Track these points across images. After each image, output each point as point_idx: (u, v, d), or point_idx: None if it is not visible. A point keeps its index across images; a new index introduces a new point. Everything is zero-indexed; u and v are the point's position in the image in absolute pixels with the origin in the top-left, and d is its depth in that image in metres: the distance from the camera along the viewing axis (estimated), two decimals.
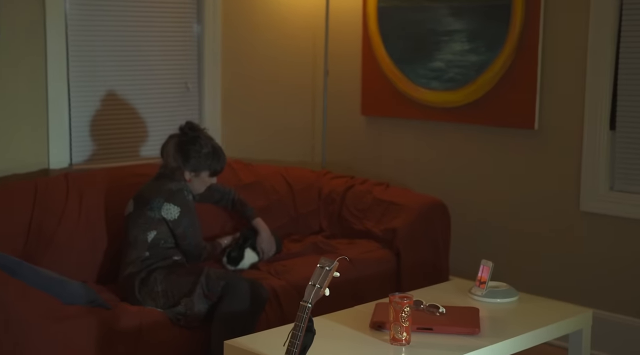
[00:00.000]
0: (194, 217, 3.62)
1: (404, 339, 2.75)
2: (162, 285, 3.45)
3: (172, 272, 3.50)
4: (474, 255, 4.45)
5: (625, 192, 4.00)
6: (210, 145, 3.69)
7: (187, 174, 3.65)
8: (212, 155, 3.68)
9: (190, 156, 3.64)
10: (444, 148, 4.62)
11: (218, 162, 3.72)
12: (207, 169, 3.68)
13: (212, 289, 3.39)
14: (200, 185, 3.72)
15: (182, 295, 3.40)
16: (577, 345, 3.15)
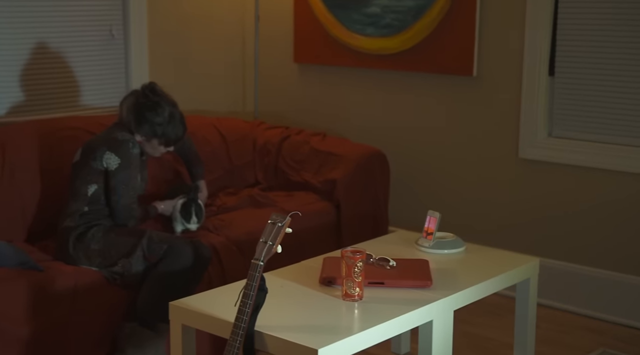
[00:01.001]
0: (131, 174, 3.34)
1: (357, 294, 2.68)
2: (100, 244, 3.27)
3: (111, 230, 3.32)
4: (414, 206, 4.41)
5: (563, 138, 3.99)
6: (167, 114, 3.39)
7: (137, 136, 3.40)
8: (167, 124, 3.40)
9: (143, 121, 3.38)
10: (380, 96, 4.53)
11: (172, 133, 3.43)
12: (158, 138, 3.41)
13: (153, 252, 3.23)
14: (152, 150, 3.47)
15: (120, 256, 3.24)
16: (524, 294, 3.14)
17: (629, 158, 3.78)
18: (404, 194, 4.44)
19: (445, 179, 4.33)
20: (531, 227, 4.08)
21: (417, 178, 4.43)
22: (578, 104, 3.94)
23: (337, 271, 2.80)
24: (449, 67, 4.23)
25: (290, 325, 2.49)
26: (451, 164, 4.31)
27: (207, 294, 2.78)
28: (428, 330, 2.72)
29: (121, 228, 3.35)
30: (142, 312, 3.19)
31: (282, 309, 2.62)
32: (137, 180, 3.39)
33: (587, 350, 3.57)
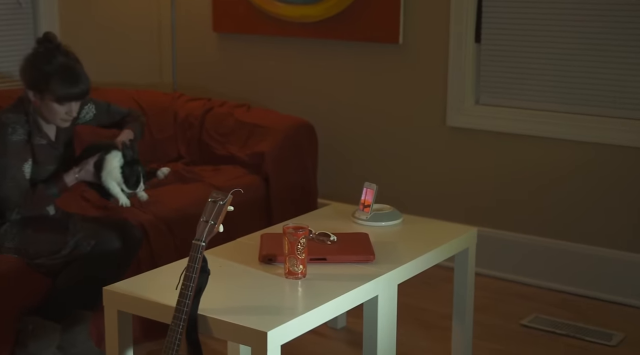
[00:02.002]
0: (10, 163, 2.93)
1: (300, 272, 2.59)
2: (15, 241, 3.00)
3: (27, 225, 3.01)
4: (344, 177, 4.35)
5: (490, 106, 3.99)
6: (60, 63, 2.95)
7: (30, 94, 2.98)
8: (59, 74, 2.93)
9: (34, 71, 2.96)
10: (305, 66, 4.42)
11: (64, 86, 2.94)
12: (49, 92, 2.94)
13: (80, 248, 3.00)
14: (49, 114, 2.99)
15: (42, 255, 2.99)
16: (463, 264, 3.11)
17: (556, 124, 3.80)
18: (333, 165, 4.37)
19: (374, 149, 4.28)
20: (462, 195, 4.07)
21: (345, 148, 4.36)
22: (504, 71, 3.93)
23: (278, 248, 2.71)
24: (374, 34, 4.15)
25: (235, 307, 2.39)
26: (379, 134, 4.25)
27: (143, 277, 2.64)
28: (373, 305, 2.65)
29: (40, 221, 3.04)
30: (59, 299, 2.99)
31: (224, 290, 2.51)
32: (23, 170, 2.97)
33: (520, 316, 3.59)
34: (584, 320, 3.55)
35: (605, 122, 3.69)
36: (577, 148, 3.76)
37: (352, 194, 4.19)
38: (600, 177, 3.73)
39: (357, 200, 3.21)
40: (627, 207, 3.68)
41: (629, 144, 3.64)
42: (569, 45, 3.74)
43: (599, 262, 3.75)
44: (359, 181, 4.28)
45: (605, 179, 3.72)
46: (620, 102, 3.66)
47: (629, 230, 3.69)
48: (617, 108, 3.67)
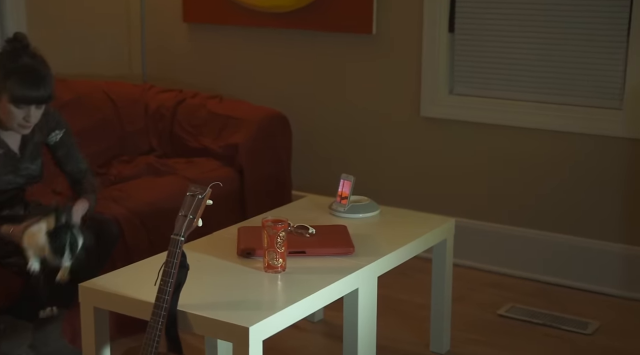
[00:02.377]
0: None
1: (280, 265, 2.56)
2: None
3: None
4: (318, 169, 4.32)
5: (464, 96, 3.98)
6: (24, 63, 2.77)
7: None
8: (20, 74, 2.74)
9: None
10: (277, 57, 4.38)
11: (22, 86, 2.73)
12: (6, 91, 2.74)
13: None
14: (5, 117, 2.79)
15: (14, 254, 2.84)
16: (441, 255, 3.11)
17: (530, 114, 3.80)
18: (307, 157, 4.33)
19: (348, 140, 4.25)
20: (437, 186, 4.06)
21: (318, 140, 4.32)
22: (478, 61, 3.92)
23: (256, 242, 2.68)
24: (347, 25, 4.12)
25: (215, 303, 2.35)
26: (353, 125, 4.23)
27: (120, 273, 2.60)
28: (354, 298, 2.63)
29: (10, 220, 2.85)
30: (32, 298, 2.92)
31: (203, 285, 2.47)
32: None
33: (496, 306, 3.59)
34: (560, 310, 3.56)
35: (580, 112, 3.70)
36: (552, 138, 3.77)
37: (327, 185, 4.16)
38: (576, 167, 3.74)
39: (333, 191, 3.19)
40: (603, 197, 3.70)
41: (605, 133, 3.65)
42: (542, 34, 3.74)
43: (574, 251, 3.77)
44: (334, 172, 4.25)
45: (581, 169, 3.73)
46: (595, 91, 3.67)
47: (605, 220, 3.71)
48: (591, 97, 3.68)
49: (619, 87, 3.61)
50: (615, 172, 3.65)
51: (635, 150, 3.60)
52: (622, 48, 3.57)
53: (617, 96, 3.62)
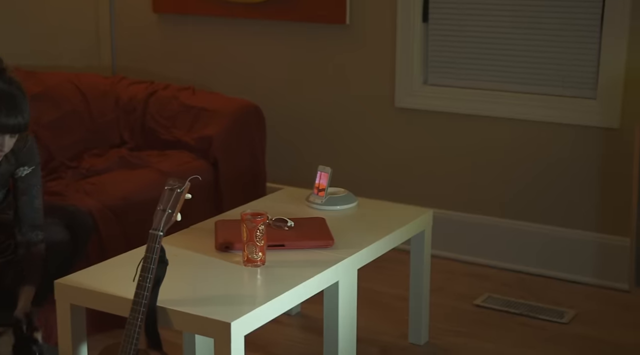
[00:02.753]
0: None
1: (260, 259, 2.53)
2: None
3: None
4: (293, 161, 4.29)
5: (439, 86, 3.97)
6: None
7: None
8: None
9: None
10: (250, 48, 4.33)
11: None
12: None
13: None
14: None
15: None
16: (419, 246, 3.10)
17: (505, 104, 3.80)
18: (281, 149, 4.30)
19: (323, 132, 4.22)
20: (413, 176, 4.05)
21: (293, 132, 4.29)
22: (452, 51, 3.91)
23: (235, 235, 2.64)
24: (320, 15, 4.08)
25: (195, 298, 2.32)
26: (328, 116, 4.20)
27: (96, 268, 2.55)
28: (334, 291, 2.61)
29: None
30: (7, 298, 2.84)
31: (182, 280, 2.43)
32: None
33: (474, 296, 3.60)
34: (535, 299, 3.58)
35: (554, 102, 3.70)
36: (527, 128, 3.77)
37: (302, 177, 4.14)
38: (551, 157, 3.74)
39: (308, 183, 3.16)
40: (578, 186, 3.71)
41: (579, 122, 3.66)
42: (516, 24, 3.74)
43: (549, 240, 3.78)
44: (308, 164, 4.23)
45: (556, 159, 3.74)
46: (569, 81, 3.68)
47: (579, 209, 3.72)
48: (566, 87, 3.69)
49: (593, 77, 3.62)
50: (589, 161, 3.67)
51: (609, 139, 3.62)
52: (596, 38, 3.58)
53: (591, 86, 3.63)
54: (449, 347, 3.17)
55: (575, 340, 3.22)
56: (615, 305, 3.52)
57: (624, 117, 3.57)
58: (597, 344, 3.19)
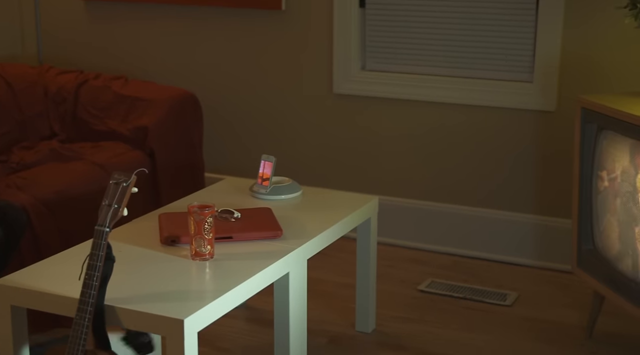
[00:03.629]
0: None
1: (208, 252, 2.47)
2: None
3: None
4: (232, 149, 4.22)
5: (377, 72, 3.94)
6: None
7: None
8: None
9: None
10: (183, 35, 4.23)
11: None
12: None
13: None
14: None
15: None
16: (365, 234, 3.07)
17: (443, 89, 3.80)
18: (219, 138, 4.22)
19: (262, 120, 4.16)
20: (353, 163, 4.02)
21: (231, 120, 4.21)
22: (390, 36, 3.89)
23: (181, 228, 2.57)
24: (256, 1, 4.01)
25: (144, 295, 2.24)
26: (266, 104, 4.14)
27: (37, 267, 2.44)
28: (284, 283, 2.57)
29: None
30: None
31: (129, 276, 2.35)
32: None
33: (416, 281, 3.60)
34: (478, 282, 3.60)
35: (492, 85, 3.72)
36: (465, 112, 3.78)
37: (242, 167, 4.09)
38: (489, 140, 3.76)
39: (249, 173, 3.10)
40: (515, 169, 3.75)
41: (517, 106, 3.68)
42: (453, 9, 3.74)
43: (488, 223, 3.81)
44: (249, 153, 4.17)
45: (494, 142, 3.76)
46: (506, 65, 3.70)
47: (518, 191, 3.76)
48: (503, 71, 3.71)
49: (530, 60, 3.65)
50: (527, 144, 3.70)
51: (545, 122, 3.65)
52: (532, 22, 3.61)
53: (528, 70, 3.66)
54: (396, 334, 3.16)
55: (520, 322, 3.26)
56: (556, 286, 3.57)
57: (560, 100, 3.61)
58: (541, 325, 3.23)
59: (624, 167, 2.78)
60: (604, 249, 2.95)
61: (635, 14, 2.87)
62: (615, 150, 2.83)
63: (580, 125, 2.97)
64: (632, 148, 2.73)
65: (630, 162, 2.75)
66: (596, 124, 2.92)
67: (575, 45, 3.52)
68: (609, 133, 2.86)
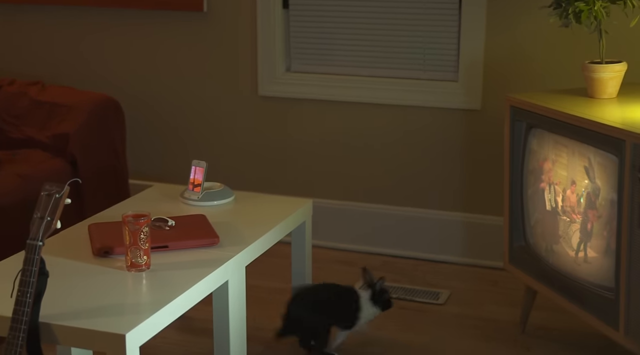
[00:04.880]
0: None
1: (145, 263, 2.38)
2: None
3: None
4: (157, 155, 4.12)
5: (302, 73, 3.91)
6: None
7: None
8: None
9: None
10: (102, 38, 4.11)
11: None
12: None
13: None
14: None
15: None
16: (300, 238, 3.03)
17: (369, 89, 3.80)
18: (144, 144, 4.11)
19: (188, 124, 4.07)
20: (281, 166, 3.98)
21: (155, 124, 4.11)
22: (314, 37, 3.86)
23: (112, 239, 2.49)
24: (176, 2, 3.92)
25: (82, 310, 2.15)
26: (192, 108, 4.05)
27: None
28: (224, 291, 2.50)
29: None
30: None
31: (64, 291, 2.25)
32: None
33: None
34: (409, 282, 3.61)
35: (418, 85, 3.73)
36: (391, 112, 3.79)
37: (166, 172, 4.00)
38: (417, 140, 3.78)
39: (174, 179, 3.03)
40: (443, 168, 3.77)
41: (443, 105, 3.71)
42: (377, 9, 3.74)
43: (417, 222, 3.82)
44: (174, 158, 4.09)
45: (421, 142, 3.77)
46: (431, 65, 3.72)
47: (445, 190, 3.78)
48: (429, 70, 3.73)
49: (454, 59, 3.68)
50: (454, 143, 3.73)
51: (471, 120, 3.69)
52: (456, 21, 3.64)
53: (453, 69, 3.69)
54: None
55: (454, 320, 3.28)
56: (487, 282, 3.61)
57: (485, 98, 3.65)
58: (475, 322, 3.26)
59: (552, 163, 2.83)
60: (535, 245, 2.99)
61: (560, 13, 2.91)
62: (544, 148, 2.87)
63: (510, 124, 3.01)
64: (559, 145, 2.77)
65: (559, 158, 2.79)
66: (525, 122, 2.95)
67: (499, 44, 3.57)
68: (537, 131, 2.90)
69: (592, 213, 2.65)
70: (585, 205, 2.68)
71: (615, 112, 2.75)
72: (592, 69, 2.88)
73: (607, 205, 2.58)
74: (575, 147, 2.71)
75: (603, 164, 2.58)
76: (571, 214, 2.76)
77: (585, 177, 2.68)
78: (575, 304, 2.75)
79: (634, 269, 2.46)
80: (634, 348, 2.50)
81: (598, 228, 2.63)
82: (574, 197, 2.73)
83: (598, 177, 2.61)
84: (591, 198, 2.65)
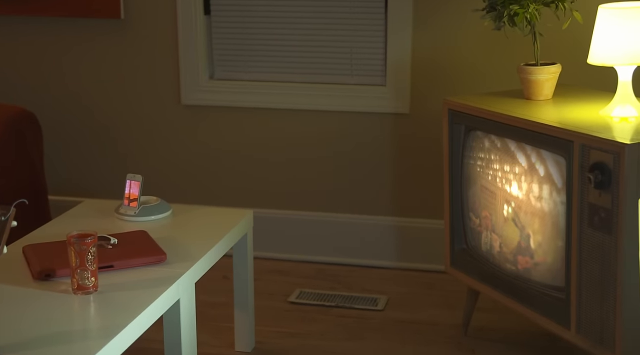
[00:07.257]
0: None
1: (92, 285, 2.26)
2: None
3: None
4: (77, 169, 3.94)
5: (226, 80, 3.82)
6: None
7: None
8: None
9: None
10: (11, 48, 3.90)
11: None
12: None
13: None
14: None
15: None
16: (242, 250, 2.95)
17: (296, 95, 3.74)
18: (62, 158, 3.93)
19: (111, 135, 3.91)
20: (210, 176, 3.87)
21: (74, 137, 3.93)
22: (238, 43, 3.78)
23: (54, 261, 2.35)
24: (92, 9, 3.77)
25: (29, 340, 2.00)
26: (114, 120, 3.90)
27: None
28: (175, 310, 2.40)
29: None
30: None
31: (6, 320, 2.10)
32: None
33: (285, 293, 3.51)
34: (345, 289, 3.57)
35: (346, 90, 3.70)
36: (320, 118, 3.74)
37: (86, 186, 3.83)
38: (346, 145, 3.74)
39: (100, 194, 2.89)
40: (374, 173, 3.75)
41: (371, 110, 3.68)
42: (302, 14, 3.68)
43: (349, 228, 3.79)
44: (98, 172, 3.92)
45: (351, 147, 3.74)
46: (359, 69, 3.69)
47: (376, 195, 3.76)
48: (357, 75, 3.70)
49: (381, 63, 3.67)
50: (384, 147, 3.72)
51: (399, 124, 3.68)
52: (381, 25, 3.63)
53: (380, 73, 3.68)
54: (278, 350, 3.06)
55: (395, 326, 3.25)
56: (423, 286, 3.60)
57: (413, 102, 3.65)
58: (416, 327, 3.24)
59: (491, 165, 2.84)
60: (476, 246, 3.00)
61: (494, 16, 2.93)
62: (484, 150, 2.88)
63: (448, 127, 3.01)
64: (500, 147, 2.79)
65: (497, 160, 2.81)
66: (464, 125, 2.96)
67: (427, 47, 3.57)
68: (476, 133, 2.91)
69: (537, 214, 2.68)
70: (530, 206, 2.70)
71: (553, 113, 2.79)
72: (529, 71, 2.92)
73: (553, 206, 2.60)
74: (518, 149, 2.73)
75: (549, 165, 2.60)
76: (516, 215, 2.78)
77: (529, 178, 2.70)
78: (522, 304, 2.77)
79: (584, 268, 2.49)
80: (586, 345, 2.53)
81: (544, 229, 2.66)
82: (518, 199, 2.75)
83: (544, 178, 2.64)
84: (536, 199, 2.67)
